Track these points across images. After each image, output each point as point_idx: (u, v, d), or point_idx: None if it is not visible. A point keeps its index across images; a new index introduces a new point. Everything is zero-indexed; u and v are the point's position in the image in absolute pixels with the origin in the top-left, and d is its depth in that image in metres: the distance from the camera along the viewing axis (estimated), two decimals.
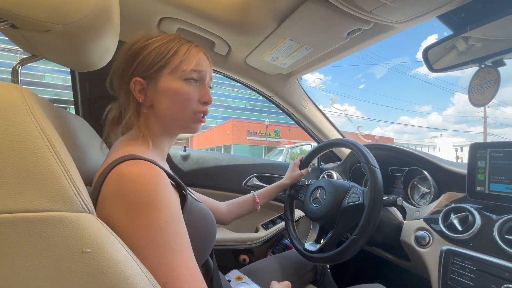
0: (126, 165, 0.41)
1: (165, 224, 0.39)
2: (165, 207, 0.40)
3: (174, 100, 0.51)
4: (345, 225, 0.76)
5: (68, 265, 0.29)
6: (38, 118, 0.33)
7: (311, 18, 0.67)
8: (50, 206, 0.29)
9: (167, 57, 0.50)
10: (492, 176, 0.64)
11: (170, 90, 0.50)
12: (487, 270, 0.57)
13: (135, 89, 0.50)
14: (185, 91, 0.51)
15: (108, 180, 0.40)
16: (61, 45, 0.47)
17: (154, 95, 0.51)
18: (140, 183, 0.39)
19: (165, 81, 0.50)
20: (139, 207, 0.38)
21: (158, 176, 0.41)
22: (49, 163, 0.31)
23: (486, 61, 0.59)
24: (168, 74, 0.50)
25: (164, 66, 0.50)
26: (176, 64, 0.50)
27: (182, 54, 0.50)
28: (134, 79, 0.50)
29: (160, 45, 0.50)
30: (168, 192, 0.42)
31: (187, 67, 0.50)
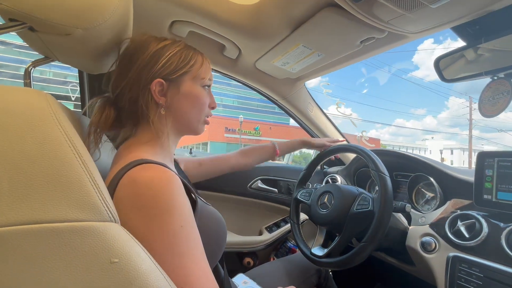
0: (139, 169, 0.41)
1: (180, 228, 0.39)
2: (180, 212, 0.40)
3: (194, 104, 0.55)
4: (353, 231, 0.76)
5: (97, 275, 0.29)
6: (64, 126, 0.33)
7: (326, 26, 0.67)
8: (79, 216, 0.29)
9: (190, 64, 0.53)
10: (500, 185, 0.65)
11: (192, 94, 0.54)
12: (495, 277, 0.58)
13: (155, 90, 0.50)
14: (204, 96, 0.56)
15: (121, 186, 0.40)
16: (78, 48, 0.47)
17: (175, 98, 0.53)
18: (155, 188, 0.39)
19: (187, 86, 0.54)
20: (155, 212, 0.38)
21: (173, 180, 0.41)
22: (77, 172, 0.31)
23: (499, 73, 0.60)
24: (190, 79, 0.54)
25: (187, 72, 0.53)
26: (196, 71, 0.55)
27: (200, 63, 0.55)
28: (156, 81, 0.50)
29: (180, 51, 0.53)
30: (182, 196, 0.42)
31: (205, 76, 0.56)
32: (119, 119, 0.53)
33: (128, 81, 0.50)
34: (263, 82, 1.11)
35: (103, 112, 0.51)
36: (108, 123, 0.51)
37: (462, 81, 0.69)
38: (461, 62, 0.68)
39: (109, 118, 0.51)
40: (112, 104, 0.52)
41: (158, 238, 0.38)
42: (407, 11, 0.56)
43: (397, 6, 0.54)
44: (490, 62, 0.62)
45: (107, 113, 0.51)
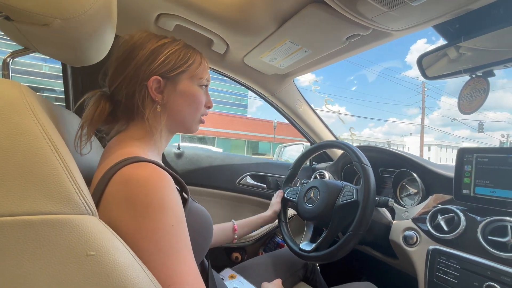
0: (132, 167, 0.40)
1: (171, 227, 0.39)
2: (172, 211, 0.40)
3: (191, 102, 0.55)
4: (340, 223, 0.78)
5: (73, 268, 0.29)
6: (39, 118, 0.32)
7: (312, 22, 0.68)
8: (54, 209, 0.29)
9: (188, 63, 0.54)
10: (478, 180, 0.68)
11: (189, 93, 0.55)
12: (471, 269, 0.60)
13: (152, 87, 0.50)
14: (201, 95, 0.57)
15: (113, 183, 0.40)
16: (58, 40, 0.46)
17: (171, 96, 0.53)
18: (148, 187, 0.39)
19: (184, 85, 0.54)
20: (147, 211, 0.38)
21: (165, 179, 0.41)
22: (52, 165, 0.30)
23: (477, 72, 0.62)
24: (187, 78, 0.54)
25: (185, 71, 0.54)
26: (194, 70, 0.55)
27: (198, 63, 0.56)
28: (153, 78, 0.50)
29: (180, 49, 0.53)
30: (174, 195, 0.42)
31: (203, 75, 0.57)
32: (114, 114, 0.53)
33: (126, 77, 0.50)
34: (252, 78, 1.11)
35: (98, 106, 0.50)
36: (102, 117, 0.51)
37: (443, 79, 0.71)
38: (443, 61, 0.70)
39: (103, 112, 0.51)
40: (107, 99, 0.52)
41: (148, 236, 0.38)
42: (389, 8, 0.57)
43: (379, 3, 0.55)
44: (469, 60, 0.64)
45: (102, 107, 0.51)
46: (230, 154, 1.32)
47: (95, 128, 0.51)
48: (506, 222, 0.59)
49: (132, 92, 0.50)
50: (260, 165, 1.30)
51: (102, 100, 0.51)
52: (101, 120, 0.51)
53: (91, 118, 0.49)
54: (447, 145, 47.00)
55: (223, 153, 1.31)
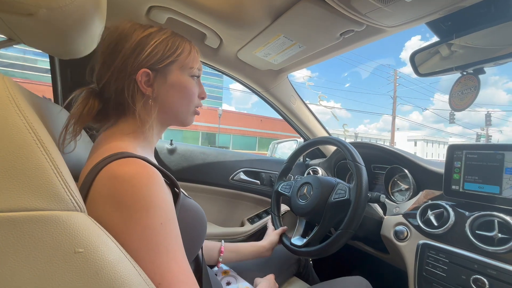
0: (119, 164, 0.39)
1: (160, 226, 0.38)
2: (160, 209, 0.39)
3: (182, 94, 0.53)
4: (331, 220, 0.78)
5: (60, 266, 0.28)
6: (23, 110, 0.31)
7: (306, 17, 0.67)
8: (39, 205, 0.28)
9: (177, 53, 0.51)
10: (467, 176, 0.69)
11: (180, 85, 0.53)
12: (459, 262, 0.62)
13: (142, 80, 0.48)
14: (193, 86, 0.55)
15: (100, 179, 0.39)
16: (44, 31, 0.44)
17: (162, 88, 0.51)
18: (135, 185, 0.38)
19: (175, 76, 0.52)
20: (134, 209, 0.37)
21: (153, 176, 0.40)
22: (37, 159, 0.29)
23: (468, 69, 0.63)
24: (177, 69, 0.52)
25: (174, 61, 0.51)
26: (184, 60, 0.53)
27: (188, 52, 0.53)
28: (142, 70, 0.48)
29: (167, 39, 0.51)
30: (163, 192, 0.41)
31: (194, 65, 0.54)
32: (105, 111, 0.51)
33: (113, 72, 0.48)
34: (246, 73, 1.10)
35: (87, 104, 0.49)
36: (90, 115, 0.49)
37: (435, 75, 0.72)
38: (435, 58, 0.71)
39: (92, 110, 0.49)
40: (96, 96, 0.50)
41: (136, 234, 0.37)
42: (383, 4, 0.57)
43: None
44: (460, 58, 0.65)
45: (90, 105, 0.49)
46: (223, 150, 1.32)
47: (82, 126, 0.49)
48: (493, 217, 0.60)
49: (121, 87, 0.48)
50: (253, 161, 1.30)
51: (91, 98, 0.49)
52: (90, 118, 0.49)
53: (78, 116, 0.48)
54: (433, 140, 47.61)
55: (216, 149, 1.30)
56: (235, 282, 0.78)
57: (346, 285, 0.75)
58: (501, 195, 0.62)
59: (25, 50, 25.62)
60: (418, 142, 45.29)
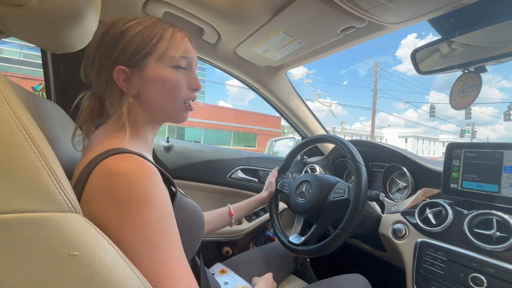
0: (114, 159, 0.38)
1: (158, 222, 0.37)
2: (158, 204, 0.38)
3: (163, 89, 0.48)
4: (329, 219, 0.78)
5: (54, 270, 0.27)
6: (13, 107, 0.29)
7: (307, 12, 0.66)
8: (32, 207, 0.27)
9: (152, 43, 0.46)
10: (465, 174, 0.69)
11: (158, 78, 0.47)
12: (457, 261, 0.62)
13: (119, 78, 0.47)
14: (175, 79, 0.48)
15: (95, 176, 0.37)
16: (35, 23, 0.42)
17: (141, 85, 0.48)
18: (132, 180, 0.36)
19: (152, 69, 0.47)
20: (131, 205, 0.36)
21: (150, 172, 0.39)
22: (29, 158, 0.28)
23: (470, 67, 0.63)
24: (155, 61, 0.47)
25: (150, 53, 0.46)
26: (162, 50, 0.47)
27: (168, 39, 0.47)
28: (117, 68, 0.46)
29: (142, 30, 0.46)
30: (160, 188, 0.40)
31: (175, 54, 0.48)
32: (104, 108, 0.51)
33: (97, 71, 0.48)
34: (244, 70, 1.08)
35: (89, 105, 0.50)
36: (94, 115, 0.50)
37: (436, 73, 0.71)
38: (436, 56, 0.70)
39: (94, 110, 0.50)
40: (94, 95, 0.51)
41: (133, 231, 0.36)
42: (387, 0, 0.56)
43: None
44: (462, 56, 0.64)
45: (92, 105, 0.50)
46: (221, 148, 1.30)
47: (93, 124, 0.51)
48: (491, 215, 0.61)
49: (105, 86, 0.48)
50: (251, 159, 1.29)
51: (92, 98, 0.51)
52: (94, 118, 0.51)
53: (85, 117, 0.50)
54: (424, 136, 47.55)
55: (214, 147, 1.29)
56: (232, 281, 0.77)
57: (344, 283, 0.76)
58: (499, 193, 0.62)
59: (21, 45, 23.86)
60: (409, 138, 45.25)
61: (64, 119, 0.60)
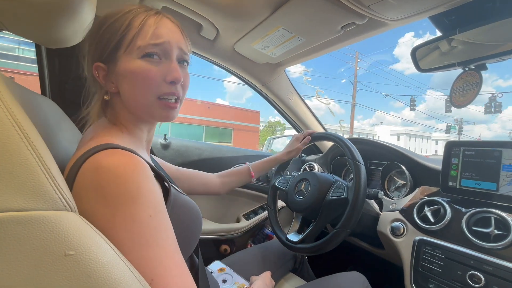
0: (103, 155, 0.37)
1: (149, 218, 0.36)
2: (148, 200, 0.37)
3: (133, 83, 0.44)
4: (328, 217, 0.78)
5: (49, 270, 0.26)
6: (6, 102, 0.28)
7: (307, 8, 0.65)
8: (26, 205, 0.26)
9: (119, 33, 0.42)
10: (464, 173, 0.69)
11: (127, 72, 0.43)
12: (455, 258, 0.62)
13: (99, 75, 0.46)
14: (143, 70, 0.43)
15: (83, 172, 0.36)
16: (29, 16, 0.41)
17: (117, 81, 0.45)
18: (120, 175, 0.36)
19: (122, 63, 0.43)
20: (120, 201, 0.35)
21: (139, 166, 0.38)
22: (23, 155, 0.27)
23: (470, 65, 0.62)
24: (123, 53, 0.43)
25: (119, 44, 0.43)
26: (129, 39, 0.42)
27: (136, 27, 0.42)
28: (95, 65, 0.45)
29: (114, 21, 0.43)
30: (150, 183, 0.39)
31: (142, 42, 0.42)
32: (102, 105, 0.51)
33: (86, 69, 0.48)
34: (242, 66, 1.07)
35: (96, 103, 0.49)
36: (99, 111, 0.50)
37: (436, 71, 0.71)
38: (437, 53, 0.70)
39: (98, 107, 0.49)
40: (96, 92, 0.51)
41: (124, 228, 0.35)
42: None
43: None
44: (463, 53, 0.64)
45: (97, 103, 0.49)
46: (219, 146, 1.30)
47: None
48: (489, 213, 0.61)
49: (92, 82, 0.48)
50: (249, 157, 1.29)
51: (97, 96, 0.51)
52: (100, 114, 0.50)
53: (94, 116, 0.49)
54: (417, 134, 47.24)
55: (212, 145, 1.28)
56: (231, 279, 0.77)
57: (343, 280, 0.76)
58: (498, 191, 0.63)
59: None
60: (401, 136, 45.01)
61: (59, 115, 0.58)
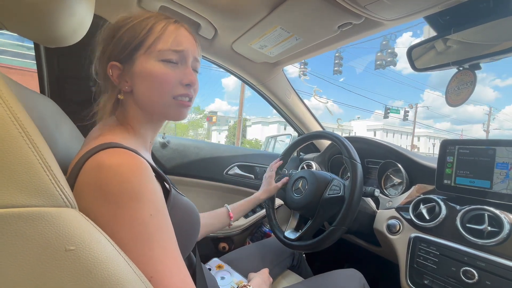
0: (105, 154, 0.38)
1: (149, 217, 0.37)
2: (149, 199, 0.38)
3: (150, 84, 0.46)
4: (325, 215, 0.79)
5: (50, 265, 0.26)
6: (7, 100, 0.29)
7: (304, 8, 0.66)
8: (27, 201, 0.26)
9: (140, 36, 0.45)
10: (458, 171, 0.70)
11: (145, 72, 0.46)
12: (449, 255, 0.64)
13: (113, 74, 0.47)
14: (162, 72, 0.46)
15: (85, 170, 0.37)
16: (26, 14, 0.41)
17: (132, 80, 0.47)
18: (122, 174, 0.36)
19: (140, 63, 0.46)
20: (122, 200, 0.36)
21: (141, 166, 0.39)
22: (24, 153, 0.27)
23: (464, 64, 0.63)
24: (143, 55, 0.46)
25: (139, 46, 0.45)
26: (150, 43, 0.45)
27: (157, 32, 0.45)
28: (110, 64, 0.46)
29: (134, 24, 0.46)
30: (152, 183, 0.40)
31: (163, 47, 0.45)
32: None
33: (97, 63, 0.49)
34: (240, 66, 1.08)
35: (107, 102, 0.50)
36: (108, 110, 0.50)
37: (431, 70, 0.72)
38: (432, 53, 0.71)
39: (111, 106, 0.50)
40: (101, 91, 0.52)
41: (125, 226, 0.36)
42: None
43: None
44: (457, 53, 0.65)
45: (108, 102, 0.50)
46: (217, 145, 1.30)
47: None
48: (483, 210, 0.62)
49: (103, 81, 0.49)
50: (248, 155, 1.29)
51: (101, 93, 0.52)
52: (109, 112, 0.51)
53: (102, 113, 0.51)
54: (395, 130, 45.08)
55: (210, 143, 1.29)
56: (229, 276, 0.78)
57: (340, 277, 0.77)
58: (491, 189, 0.64)
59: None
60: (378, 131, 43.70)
61: (58, 114, 0.59)
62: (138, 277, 0.33)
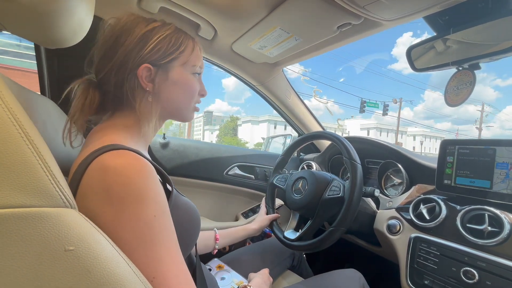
0: (110, 155, 0.38)
1: (153, 218, 0.38)
2: (154, 201, 0.38)
3: (184, 91, 0.53)
4: (324, 215, 0.79)
5: (50, 265, 0.27)
6: (7, 101, 0.29)
7: (303, 9, 0.66)
8: (26, 202, 0.27)
9: (179, 50, 0.51)
10: (459, 171, 0.70)
11: (182, 81, 0.52)
12: (449, 255, 0.63)
13: (142, 75, 0.48)
14: (194, 84, 0.55)
15: (90, 172, 0.37)
16: (27, 16, 0.42)
17: (163, 85, 0.51)
18: (127, 176, 0.37)
19: (177, 72, 0.52)
20: (126, 201, 0.36)
21: (146, 168, 0.39)
22: (23, 153, 0.27)
23: (464, 64, 0.63)
24: (179, 66, 0.52)
25: (176, 58, 0.51)
26: (187, 57, 0.52)
27: (191, 49, 0.53)
28: (143, 66, 0.47)
29: (170, 35, 0.50)
30: (156, 185, 0.40)
31: (197, 63, 0.54)
32: (103, 103, 0.50)
33: (114, 65, 0.47)
34: (240, 66, 1.08)
35: (87, 96, 0.48)
36: (92, 108, 0.48)
37: (431, 70, 0.72)
38: (431, 53, 0.71)
39: (93, 103, 0.48)
40: (96, 88, 0.49)
41: (128, 228, 0.36)
42: None
43: None
44: (456, 53, 0.65)
45: (91, 97, 0.48)
46: (217, 145, 1.31)
47: (86, 119, 0.49)
48: (483, 210, 0.62)
49: (121, 81, 0.48)
50: (248, 156, 1.29)
51: (90, 89, 0.49)
52: (92, 111, 0.49)
53: (80, 109, 0.47)
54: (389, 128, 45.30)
55: (210, 144, 1.29)
56: (229, 276, 0.78)
57: (340, 277, 0.77)
58: (491, 189, 0.64)
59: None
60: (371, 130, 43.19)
61: (58, 115, 0.59)
62: (138, 277, 0.33)
